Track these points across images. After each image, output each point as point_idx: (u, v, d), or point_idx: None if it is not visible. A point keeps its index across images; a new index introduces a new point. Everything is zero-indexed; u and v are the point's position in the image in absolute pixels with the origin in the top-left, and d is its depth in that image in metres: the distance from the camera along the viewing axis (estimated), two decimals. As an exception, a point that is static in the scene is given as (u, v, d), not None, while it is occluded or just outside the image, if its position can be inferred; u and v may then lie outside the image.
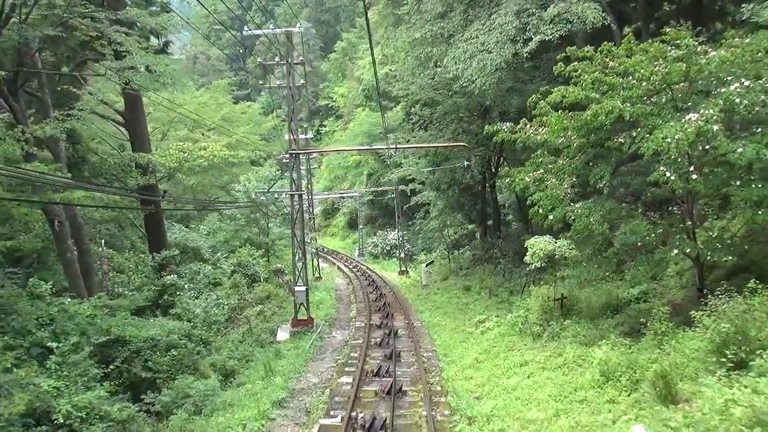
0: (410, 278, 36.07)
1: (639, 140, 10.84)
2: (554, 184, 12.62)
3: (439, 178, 29.74)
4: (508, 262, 25.69)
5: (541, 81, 22.47)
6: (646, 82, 11.44)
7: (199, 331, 16.73)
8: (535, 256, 15.40)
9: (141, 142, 24.90)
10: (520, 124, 13.64)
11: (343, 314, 23.02)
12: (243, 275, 25.30)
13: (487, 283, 25.47)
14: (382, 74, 56.52)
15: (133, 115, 24.79)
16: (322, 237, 75.62)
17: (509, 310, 20.92)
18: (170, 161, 24.35)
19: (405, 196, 43.39)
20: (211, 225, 32.81)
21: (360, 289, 29.45)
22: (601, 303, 15.46)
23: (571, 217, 11.99)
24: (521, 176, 13.32)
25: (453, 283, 28.30)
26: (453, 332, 18.42)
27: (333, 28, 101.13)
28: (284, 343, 18.46)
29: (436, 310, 23.01)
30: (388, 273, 40.44)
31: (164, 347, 15.36)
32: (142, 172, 24.37)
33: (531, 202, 12.91)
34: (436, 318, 21.06)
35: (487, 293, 23.94)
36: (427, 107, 25.74)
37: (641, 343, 11.56)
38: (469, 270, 29.57)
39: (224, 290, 23.58)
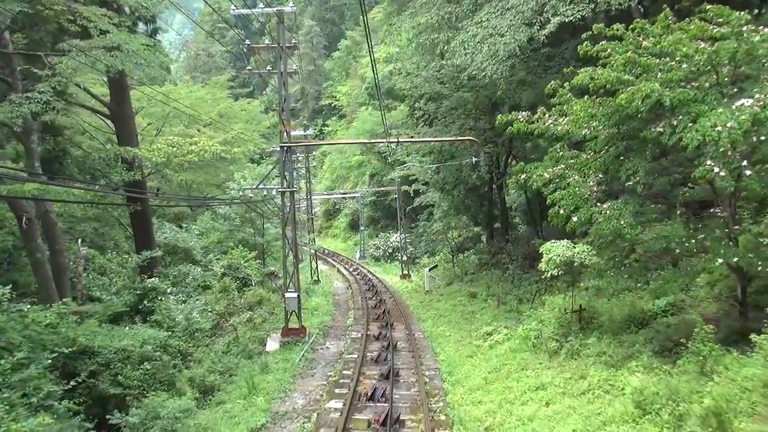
0: (412, 282, 34.44)
1: (681, 129, 9.22)
2: (578, 181, 11.00)
3: (443, 178, 28.11)
4: (516, 268, 24.04)
5: (555, 74, 20.90)
6: (688, 64, 9.83)
7: (177, 341, 15.17)
8: (551, 262, 13.76)
9: (128, 135, 23.45)
10: (537, 113, 12.02)
11: (339, 322, 21.42)
12: (233, 278, 23.74)
13: (494, 290, 23.81)
14: (386, 71, 55.16)
15: (119, 107, 23.34)
16: (323, 238, 74.14)
17: (519, 321, 19.30)
18: (157, 156, 22.86)
19: (408, 197, 41.80)
20: (204, 225, 31.24)
21: (359, 294, 27.84)
22: (623, 316, 13.85)
23: (598, 219, 10.36)
24: (539, 172, 11.68)
25: (457, 289, 26.65)
26: (458, 345, 16.80)
27: (338, 27, 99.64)
28: (273, 354, 16.89)
29: (440, 318, 21.39)
30: (390, 276, 38.83)
31: (137, 359, 13.82)
32: (127, 167, 22.98)
33: (551, 202, 11.28)
34: (439, 328, 19.44)
35: (494, 301, 22.29)
36: (432, 102, 24.13)
37: (679, 366, 9.91)
38: (475, 275, 27.92)
39: (213, 294, 22.02)
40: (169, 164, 23.54)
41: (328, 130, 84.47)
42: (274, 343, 17.71)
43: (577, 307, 14.51)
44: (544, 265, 14.02)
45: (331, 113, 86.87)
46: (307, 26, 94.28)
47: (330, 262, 49.15)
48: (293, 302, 17.15)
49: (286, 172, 16.14)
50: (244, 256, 25.58)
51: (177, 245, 27.44)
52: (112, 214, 24.56)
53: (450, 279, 29.97)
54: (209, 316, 20.42)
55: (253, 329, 19.06)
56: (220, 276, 23.68)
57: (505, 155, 26.67)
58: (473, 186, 28.16)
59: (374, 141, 18.78)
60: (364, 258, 51.10)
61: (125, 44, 13.84)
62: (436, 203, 37.68)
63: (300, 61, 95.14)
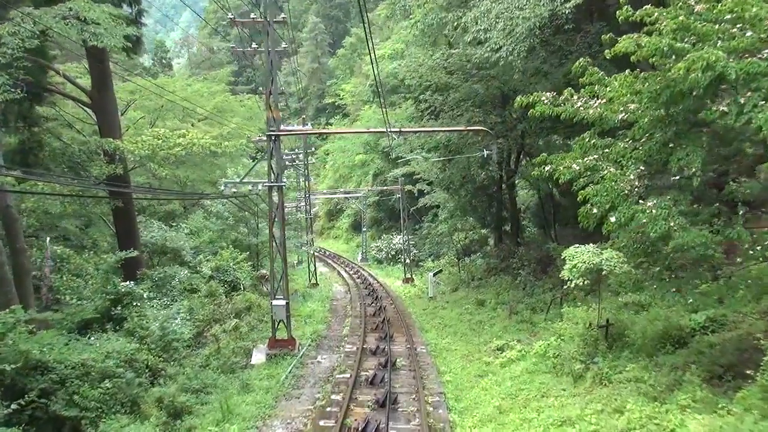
0: (415, 287, 32.56)
1: (750, 108, 7.36)
2: (614, 174, 9.13)
3: (449, 177, 26.24)
4: (529, 274, 22.16)
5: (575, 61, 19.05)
6: (755, 31, 7.97)
7: (147, 354, 13.37)
8: (575, 270, 11.88)
9: (110, 126, 21.71)
10: (564, 94, 10.17)
11: (334, 331, 19.57)
12: (221, 282, 21.95)
13: (504, 298, 21.95)
14: (392, 68, 53.38)
15: (101, 95, 21.58)
16: (325, 240, 72.37)
17: (533, 333, 17.44)
18: (141, 149, 21.15)
19: (412, 197, 39.96)
20: (196, 224, 29.48)
21: (358, 300, 26.00)
22: (656, 332, 12.02)
23: (641, 220, 8.50)
24: (566, 163, 9.81)
25: (464, 296, 24.77)
26: (466, 361, 14.93)
27: (343, 25, 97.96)
28: (258, 369, 15.09)
29: (445, 329, 19.53)
30: (392, 280, 36.96)
31: (98, 376, 12.02)
32: (108, 160, 21.29)
33: (582, 199, 9.41)
34: (444, 340, 17.58)
35: (505, 310, 20.42)
36: (439, 93, 22.27)
37: (740, 401, 8.05)
38: (483, 281, 26.04)
39: (198, 299, 20.24)
40: (154, 157, 21.81)
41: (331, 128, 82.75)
42: (260, 356, 15.90)
43: (603, 322, 12.64)
44: (566, 273, 12.13)
45: (334, 112, 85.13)
46: (311, 23, 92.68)
47: (330, 264, 47.37)
48: (281, 311, 15.32)
49: (273, 165, 14.33)
50: (234, 257, 23.78)
51: (165, 245, 25.67)
52: (93, 211, 22.80)
53: (455, 284, 28.10)
54: (191, 324, 18.71)
55: (238, 339, 17.24)
56: (208, 279, 21.89)
57: (516, 152, 24.79)
58: (481, 185, 26.31)
59: (373, 131, 16.95)
60: (366, 260, 49.26)
61: (83, 12, 12.06)
62: (441, 204, 35.83)
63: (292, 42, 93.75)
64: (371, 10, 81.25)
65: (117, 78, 37.39)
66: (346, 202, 62.68)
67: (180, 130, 23.99)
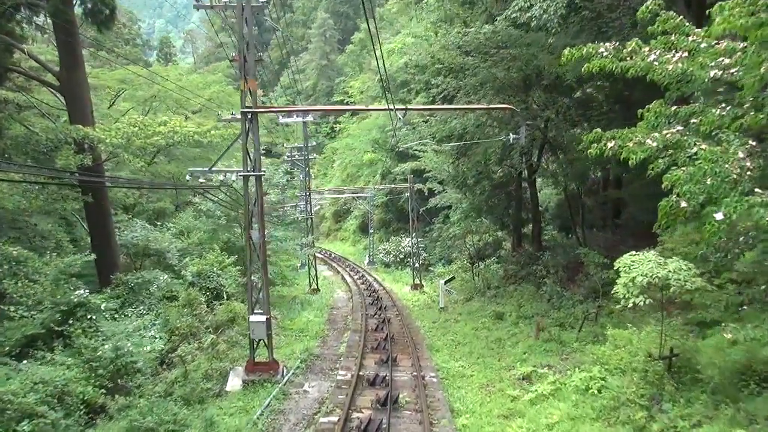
0: (425, 294, 29.72)
1: None
2: (712, 152, 6.31)
3: (464, 173, 23.41)
4: (555, 283, 19.30)
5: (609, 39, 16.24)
6: None
7: (84, 386, 10.71)
8: (632, 286, 9.05)
9: (80, 111, 19.28)
10: (630, 45, 7.37)
11: (329, 348, 16.82)
12: (203, 289, 19.32)
13: (526, 310, 19.10)
14: (401, 63, 50.75)
15: (71, 75, 19.13)
16: (332, 242, 69.73)
17: (564, 356, 14.60)
18: (114, 137, 18.61)
19: (422, 197, 37.20)
20: (185, 223, 26.89)
21: (360, 310, 23.22)
22: (735, 365, 9.22)
23: (759, 214, 5.68)
24: (638, 137, 7.00)
25: (479, 307, 21.91)
26: (485, 394, 12.12)
27: (352, 21, 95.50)
28: (231, 398, 12.42)
29: (458, 348, 16.72)
30: (399, 286, 34.15)
31: (16, 416, 9.39)
32: (78, 149, 18.83)
33: (668, 186, 6.61)
34: (457, 362, 14.76)
35: (529, 325, 17.58)
36: (453, 76, 19.47)
37: None
38: (500, 290, 23.17)
39: (176, 309, 17.62)
40: (129, 147, 19.25)
41: (340, 128, 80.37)
42: (236, 380, 13.22)
43: (667, 352, 9.79)
44: (620, 290, 9.30)
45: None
46: (320, 19, 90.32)
47: (335, 268, 44.65)
48: (260, 328, 12.61)
49: (251, 150, 11.63)
50: (220, 261, 21.13)
51: (148, 246, 23.09)
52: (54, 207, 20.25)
53: (469, 293, 25.24)
54: (164, 339, 16.13)
55: (215, 358, 14.56)
56: (188, 285, 19.26)
57: (540, 145, 21.90)
58: (499, 182, 23.47)
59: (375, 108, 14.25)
60: (373, 264, 46.49)
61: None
62: (453, 205, 33.01)
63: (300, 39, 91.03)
64: (381, 4, 78.82)
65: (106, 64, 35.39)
66: (353, 202, 60.10)
67: (162, 118, 21.50)
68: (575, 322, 17.09)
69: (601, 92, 19.80)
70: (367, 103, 71.12)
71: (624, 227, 22.63)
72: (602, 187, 25.00)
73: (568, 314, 17.56)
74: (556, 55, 17.99)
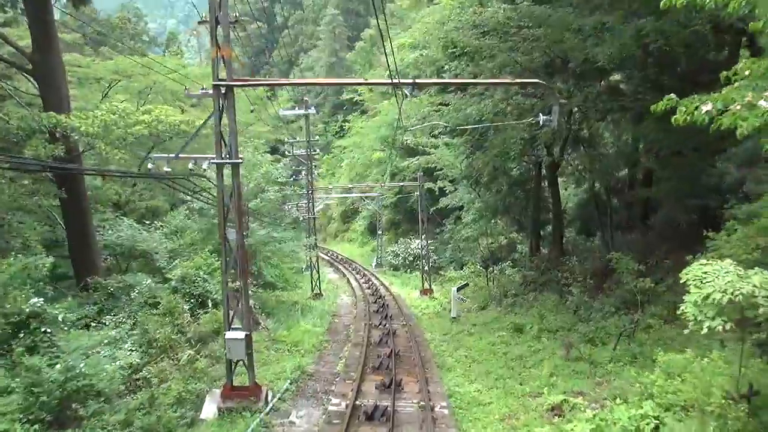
0: (435, 300, 27.58)
1: None
2: None
3: (478, 169, 21.27)
4: (582, 292, 17.12)
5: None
6: None
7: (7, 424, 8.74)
8: (710, 306, 6.91)
9: (54, 97, 17.50)
10: None
11: (326, 365, 14.77)
12: (187, 295, 17.36)
13: (550, 323, 16.92)
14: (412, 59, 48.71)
15: (44, 58, 17.34)
16: (340, 243, 67.86)
17: (598, 380, 12.45)
18: (90, 125, 16.75)
19: (433, 197, 35.10)
20: (177, 222, 25.02)
21: (364, 319, 21.15)
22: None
23: None
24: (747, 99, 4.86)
25: (495, 317, 19.76)
26: (506, 428, 10.00)
27: (363, 18, 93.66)
28: (205, 429, 10.42)
29: (473, 366, 14.61)
30: (408, 290, 32.05)
31: None
32: (50, 138, 17.05)
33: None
34: (473, 385, 12.66)
35: (553, 340, 15.44)
36: (468, 59, 17.32)
37: None
38: (518, 298, 21.00)
39: (154, 318, 15.65)
40: (107, 136, 17.36)
41: (349, 126, 78.48)
42: (212, 407, 11.23)
43: (745, 390, 7.64)
44: (690, 311, 7.15)
45: (352, 109, 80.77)
46: (329, 15, 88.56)
47: (341, 270, 42.69)
48: (238, 347, 10.60)
49: (225, 135, 9.61)
50: (208, 264, 19.16)
51: (134, 247, 21.27)
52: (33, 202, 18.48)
53: (484, 300, 23.08)
54: (140, 352, 14.26)
55: (191, 378, 12.59)
56: (171, 291, 17.32)
57: (563, 139, 19.71)
58: (518, 179, 21.32)
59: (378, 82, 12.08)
60: (381, 266, 44.43)
61: None
62: (466, 205, 30.89)
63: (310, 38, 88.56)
64: (392, 0, 76.80)
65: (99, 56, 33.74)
66: (361, 202, 58.19)
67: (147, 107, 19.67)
68: (607, 337, 14.93)
69: (630, 82, 17.63)
70: (377, 100, 69.21)
71: (656, 229, 20.39)
72: (628, 186, 22.78)
73: (599, 328, 15.39)
74: (585, 33, 16.02)
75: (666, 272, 16.75)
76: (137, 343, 14.86)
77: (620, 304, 16.31)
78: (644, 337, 14.16)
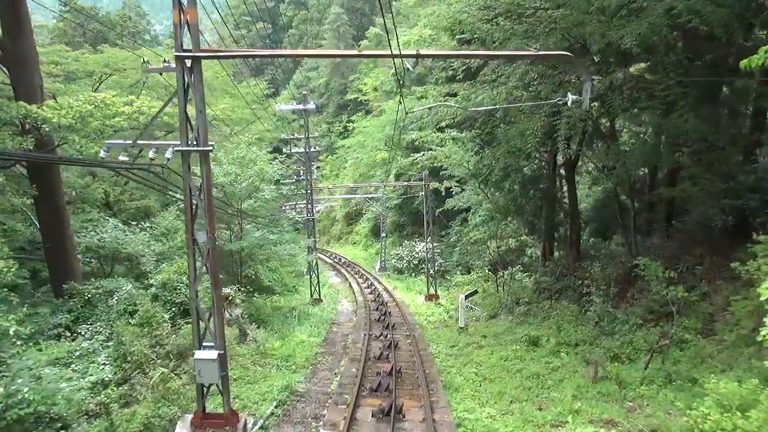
0: (441, 306, 25.93)
1: None
2: None
3: (488, 165, 19.64)
4: (606, 302, 15.45)
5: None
6: None
7: None
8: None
9: (25, 86, 16.07)
10: None
11: (318, 384, 13.16)
12: (168, 303, 15.83)
13: (568, 335, 15.27)
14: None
15: (15, 45, 15.90)
16: (343, 245, 66.28)
17: (629, 405, 10.81)
18: (65, 116, 15.30)
19: (439, 198, 33.49)
20: (166, 223, 23.55)
21: (364, 328, 19.52)
22: None
23: None
24: None
25: (507, 328, 18.10)
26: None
27: (368, 17, 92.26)
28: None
29: (484, 385, 12.97)
30: (412, 296, 30.41)
31: None
32: (19, 130, 15.68)
33: None
34: (484, 410, 11.02)
35: (573, 356, 13.80)
36: (478, 44, 15.68)
37: None
38: (531, 306, 19.34)
39: (130, 329, 14.12)
40: (83, 129, 15.86)
41: (353, 127, 77.07)
42: (183, 436, 9.64)
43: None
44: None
45: (357, 109, 79.38)
46: (334, 14, 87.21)
47: (343, 274, 41.11)
48: (210, 369, 9.01)
49: (193, 118, 8.05)
50: (195, 268, 17.59)
51: (118, 249, 19.84)
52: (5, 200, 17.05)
53: (494, 308, 21.42)
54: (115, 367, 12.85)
55: (163, 401, 11.04)
56: (151, 299, 15.80)
57: (581, 133, 18.00)
58: (532, 177, 19.68)
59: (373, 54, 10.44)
60: (385, 270, 42.77)
61: None
62: (473, 207, 29.26)
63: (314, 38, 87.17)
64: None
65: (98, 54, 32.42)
66: (365, 204, 56.63)
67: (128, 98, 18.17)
68: (635, 353, 13.28)
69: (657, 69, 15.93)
70: (382, 100, 67.60)
71: (685, 232, 18.67)
72: (648, 186, 21.06)
73: (625, 342, 13.75)
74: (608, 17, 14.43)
75: (699, 279, 15.09)
76: (112, 356, 13.45)
77: (647, 314, 14.66)
78: (679, 353, 12.51)
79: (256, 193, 23.21)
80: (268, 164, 23.73)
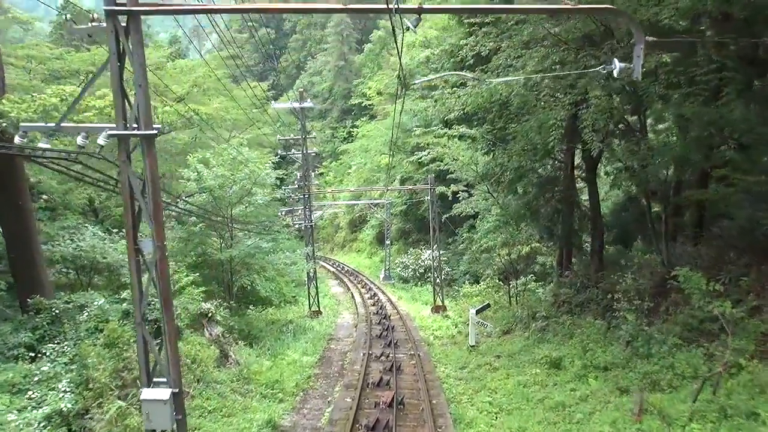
0: (449, 319, 24.00)
1: None
2: None
3: (501, 165, 17.76)
4: (639, 318, 13.49)
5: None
6: None
7: None
8: None
9: (-16, 78, 14.33)
10: None
11: (307, 417, 11.28)
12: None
13: (595, 356, 13.31)
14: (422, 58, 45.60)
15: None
16: (347, 253, 64.51)
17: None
18: (26, 110, 13.71)
19: (446, 203, 31.67)
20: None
21: (363, 346, 17.61)
22: None
23: None
24: None
25: (524, 346, 16.15)
26: None
27: (372, 21, 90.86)
28: None
29: (500, 417, 11.06)
30: (418, 307, 28.51)
31: None
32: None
33: None
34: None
35: (602, 381, 11.85)
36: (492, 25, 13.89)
37: None
38: (550, 321, 17.38)
39: (96, 350, 12.35)
40: (46, 125, 14.17)
41: (357, 132, 75.52)
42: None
43: None
44: None
45: (361, 113, 77.84)
46: (337, 17, 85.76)
47: (345, 284, 39.25)
48: (161, 412, 7.16)
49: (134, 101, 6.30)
50: (175, 280, 15.85)
51: (97, 259, 18.16)
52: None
53: (507, 323, 19.46)
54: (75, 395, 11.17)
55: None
56: (121, 315, 14.02)
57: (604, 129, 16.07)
58: (549, 177, 17.79)
59: (366, 8, 9.04)
60: (390, 279, 40.82)
61: None
62: (481, 212, 27.39)
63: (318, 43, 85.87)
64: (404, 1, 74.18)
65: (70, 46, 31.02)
66: (370, 210, 54.86)
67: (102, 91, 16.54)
68: (678, 380, 11.33)
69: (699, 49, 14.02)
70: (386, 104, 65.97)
71: (720, 238, 16.71)
72: (674, 188, 19.10)
73: (664, 367, 11.80)
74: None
75: (745, 292, 13.14)
76: (74, 381, 11.69)
77: (687, 333, 12.72)
78: (732, 381, 10.57)
79: (248, 197, 21.46)
80: (260, 166, 21.98)
